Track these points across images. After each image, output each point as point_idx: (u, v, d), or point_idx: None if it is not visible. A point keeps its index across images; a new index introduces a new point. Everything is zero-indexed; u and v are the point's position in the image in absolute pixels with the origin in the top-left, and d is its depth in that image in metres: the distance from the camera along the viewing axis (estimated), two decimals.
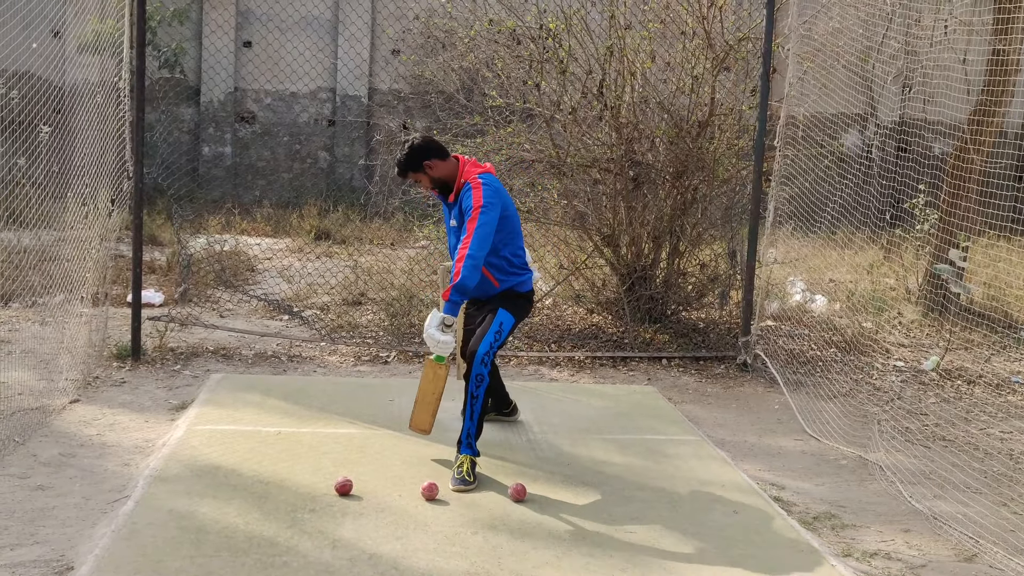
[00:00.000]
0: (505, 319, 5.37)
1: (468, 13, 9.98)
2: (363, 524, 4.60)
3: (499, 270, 5.41)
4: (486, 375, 5.27)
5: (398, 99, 16.80)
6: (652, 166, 8.60)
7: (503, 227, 5.33)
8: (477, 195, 5.20)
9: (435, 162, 5.35)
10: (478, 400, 5.28)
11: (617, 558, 4.39)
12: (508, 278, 5.44)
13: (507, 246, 5.40)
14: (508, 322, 5.38)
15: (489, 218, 5.18)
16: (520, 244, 5.52)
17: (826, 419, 6.57)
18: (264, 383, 6.96)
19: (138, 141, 7.34)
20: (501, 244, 5.36)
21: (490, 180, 5.32)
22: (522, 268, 5.51)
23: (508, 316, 5.40)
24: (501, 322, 5.35)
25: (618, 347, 8.32)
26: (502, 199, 5.31)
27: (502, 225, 5.31)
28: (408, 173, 5.40)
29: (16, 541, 4.34)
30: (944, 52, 8.28)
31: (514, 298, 5.47)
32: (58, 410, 6.17)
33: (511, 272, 5.45)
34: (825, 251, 9.08)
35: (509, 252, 5.42)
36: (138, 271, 7.47)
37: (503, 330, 5.35)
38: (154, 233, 11.90)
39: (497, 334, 5.32)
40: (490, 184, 5.28)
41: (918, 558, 4.68)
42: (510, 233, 5.41)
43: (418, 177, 5.40)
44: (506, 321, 5.37)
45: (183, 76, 16.43)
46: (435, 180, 5.38)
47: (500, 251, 5.37)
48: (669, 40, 8.77)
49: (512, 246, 5.43)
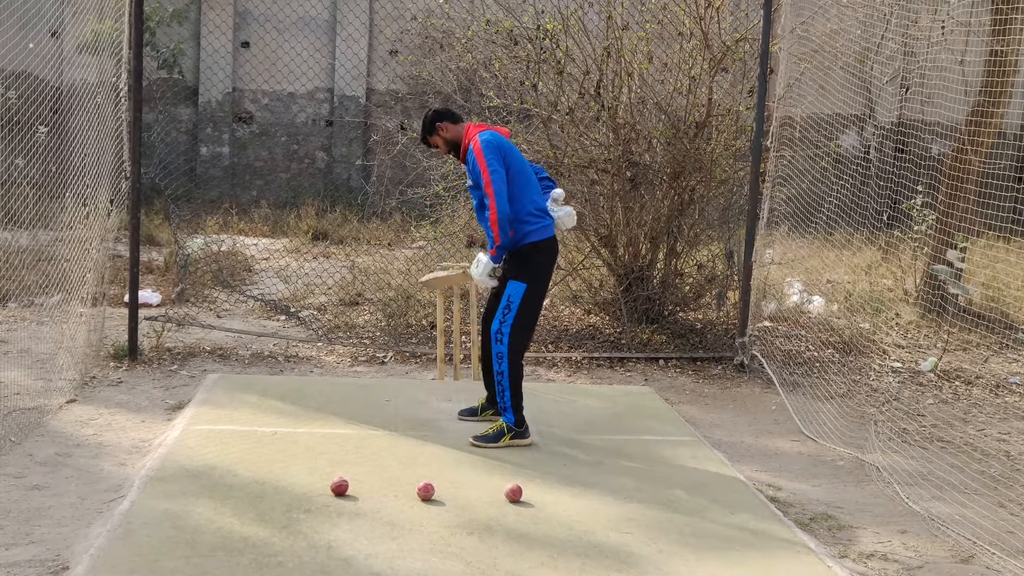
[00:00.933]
0: (513, 291, 5.56)
1: (466, 14, 9.98)
2: (359, 524, 4.59)
3: (511, 220, 5.56)
4: (505, 353, 5.53)
5: (396, 99, 16.80)
6: (649, 167, 8.60)
7: (510, 177, 5.53)
8: (480, 159, 5.48)
9: (446, 124, 5.72)
10: (504, 376, 5.55)
11: (613, 559, 4.38)
12: (520, 226, 5.56)
13: (517, 199, 5.55)
14: (517, 293, 5.56)
15: (497, 177, 5.45)
16: (532, 193, 5.64)
17: (823, 420, 6.57)
18: (261, 383, 6.95)
19: (135, 141, 7.33)
20: (511, 197, 5.54)
21: (489, 138, 5.55)
22: (537, 216, 5.60)
23: (517, 286, 5.56)
24: (509, 295, 5.57)
25: (615, 348, 8.31)
26: (503, 153, 5.54)
27: (509, 175, 5.53)
28: (427, 139, 5.80)
29: (11, 541, 4.33)
30: (942, 53, 8.28)
31: (525, 256, 5.58)
32: (55, 410, 6.17)
33: (523, 221, 5.57)
34: (823, 252, 9.08)
35: (519, 202, 5.55)
36: (135, 271, 7.46)
37: (512, 304, 5.55)
38: (151, 233, 11.89)
39: (505, 309, 5.56)
40: (489, 142, 5.52)
41: (915, 559, 4.67)
42: (519, 183, 5.58)
43: (434, 141, 5.77)
44: (514, 293, 5.56)
45: (181, 76, 16.42)
46: (447, 142, 5.74)
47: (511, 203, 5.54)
48: (666, 41, 8.77)
49: (522, 198, 5.57)
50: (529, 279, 5.55)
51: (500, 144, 5.57)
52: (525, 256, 5.57)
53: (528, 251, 5.57)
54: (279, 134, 16.97)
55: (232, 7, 16.45)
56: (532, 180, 5.68)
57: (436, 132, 5.75)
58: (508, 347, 5.53)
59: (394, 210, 13.44)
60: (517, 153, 5.70)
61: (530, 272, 5.57)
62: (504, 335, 5.53)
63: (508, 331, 5.53)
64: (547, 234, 5.59)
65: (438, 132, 5.74)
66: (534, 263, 5.58)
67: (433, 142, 5.81)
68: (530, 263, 5.57)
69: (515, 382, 5.59)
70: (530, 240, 5.55)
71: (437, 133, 5.75)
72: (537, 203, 5.61)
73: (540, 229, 5.56)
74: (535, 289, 5.59)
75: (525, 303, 5.55)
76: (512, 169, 5.56)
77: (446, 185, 9.17)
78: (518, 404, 5.63)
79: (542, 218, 5.59)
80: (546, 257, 5.65)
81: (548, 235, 5.60)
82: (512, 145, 5.73)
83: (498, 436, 5.67)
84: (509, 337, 5.54)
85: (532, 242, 5.55)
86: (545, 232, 5.58)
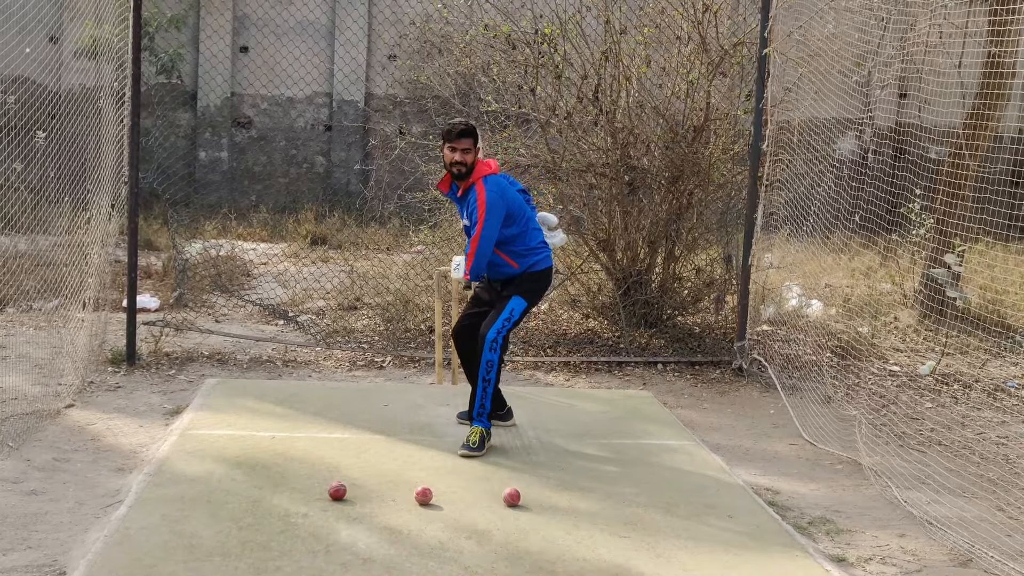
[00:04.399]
0: (517, 304, 5.76)
1: (464, 18, 9.98)
2: (357, 529, 4.59)
3: (517, 256, 5.76)
4: (496, 361, 5.67)
5: (394, 104, 16.80)
6: (648, 171, 8.60)
7: (513, 224, 5.70)
8: (481, 201, 5.55)
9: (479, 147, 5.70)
10: (490, 384, 5.70)
11: (611, 563, 4.38)
12: (525, 259, 5.79)
13: (520, 238, 5.76)
14: (519, 307, 5.76)
15: (492, 223, 5.56)
16: (532, 231, 5.85)
17: (822, 424, 6.57)
18: (259, 388, 6.95)
19: (134, 146, 7.34)
20: (514, 238, 5.72)
21: (495, 190, 5.61)
22: (539, 248, 5.86)
23: (520, 302, 5.77)
24: (512, 308, 5.74)
25: (614, 352, 8.31)
26: (505, 201, 5.63)
27: (511, 222, 5.68)
28: (471, 138, 5.62)
29: (9, 546, 4.33)
30: (939, 57, 8.28)
31: (531, 280, 5.81)
32: (53, 415, 6.16)
33: (527, 254, 5.79)
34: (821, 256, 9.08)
35: (522, 242, 5.77)
36: (133, 276, 7.46)
37: (513, 316, 5.73)
38: (150, 238, 11.89)
39: (507, 320, 5.70)
40: (494, 192, 5.59)
41: (913, 563, 4.67)
42: (521, 227, 5.76)
43: (470, 146, 5.63)
44: (517, 307, 5.75)
45: (180, 81, 16.42)
46: (474, 159, 5.65)
47: (514, 243, 5.74)
48: (664, 45, 8.78)
49: (525, 237, 5.78)
50: (530, 298, 5.84)
51: (504, 193, 5.65)
52: (530, 279, 5.83)
53: (534, 276, 5.84)
54: (278, 139, 16.98)
55: (231, 12, 16.46)
56: (532, 218, 5.93)
57: (477, 143, 5.66)
58: (499, 357, 5.71)
59: (393, 215, 13.44)
60: (515, 195, 5.79)
61: (532, 294, 5.85)
62: (498, 344, 5.68)
63: (502, 341, 5.71)
64: (548, 263, 5.92)
65: (477, 143, 5.66)
66: (537, 286, 5.88)
67: (469, 145, 5.61)
68: (533, 285, 5.85)
69: (496, 391, 5.85)
70: (536, 269, 5.83)
71: (477, 144, 5.65)
72: (538, 238, 5.91)
73: (543, 259, 5.87)
74: (531, 306, 5.91)
75: (522, 317, 5.85)
76: (513, 214, 5.71)
77: None
78: (492, 409, 5.87)
79: (544, 249, 5.91)
80: (546, 282, 5.96)
81: (549, 264, 5.93)
82: (509, 187, 5.78)
83: (483, 442, 5.72)
84: (502, 349, 5.73)
85: (537, 271, 5.84)
86: (547, 262, 5.90)
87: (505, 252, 5.74)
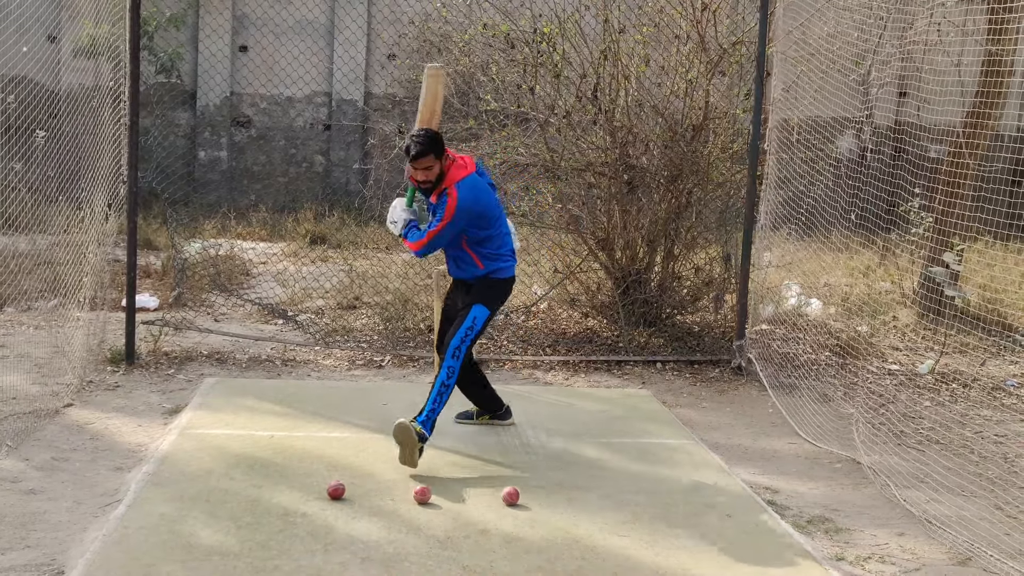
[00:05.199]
0: (479, 313, 5.70)
1: (463, 17, 9.98)
2: (355, 528, 4.59)
3: (485, 257, 5.73)
4: (457, 368, 5.61)
5: (393, 103, 16.79)
6: (647, 170, 8.60)
7: (488, 226, 5.66)
8: (451, 206, 5.48)
9: (446, 154, 5.59)
10: (448, 389, 5.58)
11: (610, 562, 4.38)
12: (492, 263, 5.75)
13: (491, 241, 5.72)
14: (482, 316, 5.70)
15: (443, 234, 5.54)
16: (504, 235, 5.81)
17: (820, 422, 6.57)
18: (258, 387, 6.95)
19: (133, 145, 7.33)
20: (486, 239, 5.69)
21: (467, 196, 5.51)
22: (507, 255, 5.82)
23: (483, 310, 5.72)
24: (475, 316, 5.68)
25: (613, 351, 8.31)
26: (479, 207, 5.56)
27: (485, 224, 5.64)
28: (429, 155, 5.48)
29: (7, 545, 4.33)
30: (938, 55, 8.28)
31: (492, 286, 5.78)
32: (52, 414, 6.16)
33: (496, 258, 5.75)
34: (820, 255, 9.09)
35: (492, 245, 5.73)
36: (132, 275, 7.45)
37: (476, 325, 5.68)
38: (149, 237, 11.88)
39: (469, 329, 5.66)
40: (468, 202, 5.51)
41: (912, 561, 4.67)
42: (495, 230, 5.72)
43: (431, 163, 5.50)
44: (480, 315, 5.70)
45: (179, 81, 16.42)
46: (439, 173, 5.55)
47: (485, 245, 5.70)
48: (663, 44, 8.77)
49: (496, 241, 5.74)
50: (492, 307, 5.79)
51: (477, 201, 5.55)
52: (494, 286, 5.79)
53: (498, 283, 5.80)
54: (277, 138, 16.97)
55: (230, 11, 16.45)
56: (505, 223, 5.88)
57: (441, 158, 5.52)
58: (461, 366, 5.63)
59: None
60: (492, 199, 5.73)
61: (494, 300, 5.80)
62: (461, 353, 5.61)
63: (465, 349, 5.65)
64: (511, 273, 5.88)
65: (441, 158, 5.52)
66: (499, 293, 5.83)
67: (430, 163, 5.47)
68: (496, 293, 5.81)
69: (447, 399, 5.65)
70: (502, 276, 5.80)
71: (440, 159, 5.51)
72: (509, 245, 5.86)
73: (508, 268, 5.83)
74: (492, 314, 5.85)
75: (485, 326, 5.78)
76: (488, 217, 5.65)
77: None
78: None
79: (511, 259, 5.87)
80: (506, 291, 5.90)
81: (512, 275, 5.89)
82: (486, 188, 5.70)
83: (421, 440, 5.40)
84: (464, 357, 5.66)
85: (503, 278, 5.81)
86: (510, 271, 5.87)
87: (474, 251, 5.70)
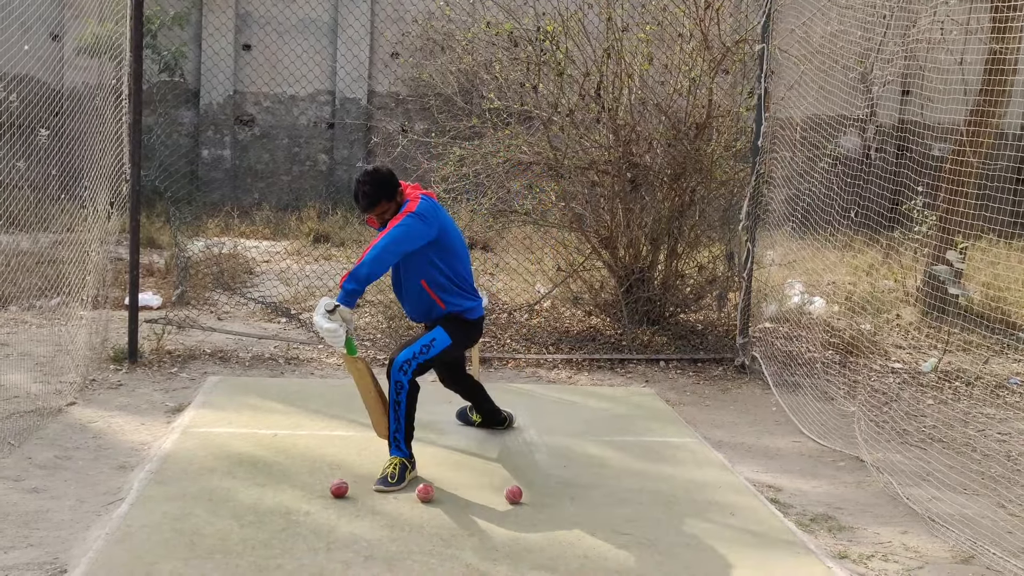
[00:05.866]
0: (439, 336, 5.25)
1: (466, 16, 9.98)
2: (358, 526, 4.59)
3: (444, 290, 5.27)
4: (405, 383, 5.15)
5: (397, 102, 16.80)
6: (650, 168, 8.60)
7: (443, 245, 5.21)
8: (411, 206, 5.10)
9: (399, 190, 5.23)
10: (401, 405, 5.18)
11: (613, 561, 4.38)
12: (454, 299, 5.30)
13: (450, 267, 5.26)
14: (441, 341, 5.25)
15: (413, 223, 5.03)
16: (465, 268, 5.38)
17: (824, 420, 6.56)
18: (261, 386, 6.95)
19: (135, 144, 7.34)
20: (443, 263, 5.24)
21: (429, 201, 5.21)
22: (470, 292, 5.38)
23: (444, 336, 5.26)
24: (434, 338, 5.24)
25: (616, 349, 8.31)
26: (439, 218, 5.18)
27: (442, 243, 5.19)
28: (380, 203, 5.17)
29: (10, 544, 4.34)
30: (941, 54, 8.27)
31: (459, 322, 5.33)
32: (55, 413, 6.17)
33: (457, 293, 5.31)
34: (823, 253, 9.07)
35: (452, 273, 5.27)
36: (135, 274, 7.46)
37: (433, 346, 5.22)
38: (152, 236, 11.88)
39: (425, 348, 5.20)
40: (428, 202, 5.18)
41: (915, 560, 4.67)
42: (453, 254, 5.28)
43: (385, 208, 5.18)
44: (439, 339, 5.25)
45: (182, 79, 16.43)
46: (396, 206, 5.21)
47: (442, 271, 5.24)
48: (666, 42, 8.77)
49: (456, 267, 5.29)
50: (456, 341, 5.35)
51: (437, 214, 5.18)
52: (462, 324, 5.36)
53: (466, 322, 5.38)
54: (280, 137, 16.98)
55: (233, 10, 16.46)
56: (466, 256, 5.42)
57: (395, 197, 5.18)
58: (409, 381, 5.18)
59: None
60: (452, 224, 5.34)
61: (459, 337, 5.37)
62: (410, 370, 5.16)
63: (414, 369, 5.18)
64: (481, 313, 5.46)
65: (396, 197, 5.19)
66: (466, 332, 5.42)
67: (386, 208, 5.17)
68: (463, 331, 5.39)
69: (410, 415, 5.24)
70: (471, 316, 5.38)
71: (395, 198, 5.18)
72: (469, 281, 5.40)
73: (477, 307, 5.41)
74: (456, 350, 5.44)
75: (442, 355, 5.31)
76: (449, 237, 5.23)
77: (446, 187, 9.17)
78: (409, 436, 5.28)
79: (476, 297, 5.43)
80: (476, 333, 5.52)
81: (481, 314, 5.47)
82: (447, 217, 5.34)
83: (403, 474, 5.16)
84: (414, 373, 5.19)
85: (472, 318, 5.39)
86: (479, 311, 5.44)
87: (436, 293, 5.26)
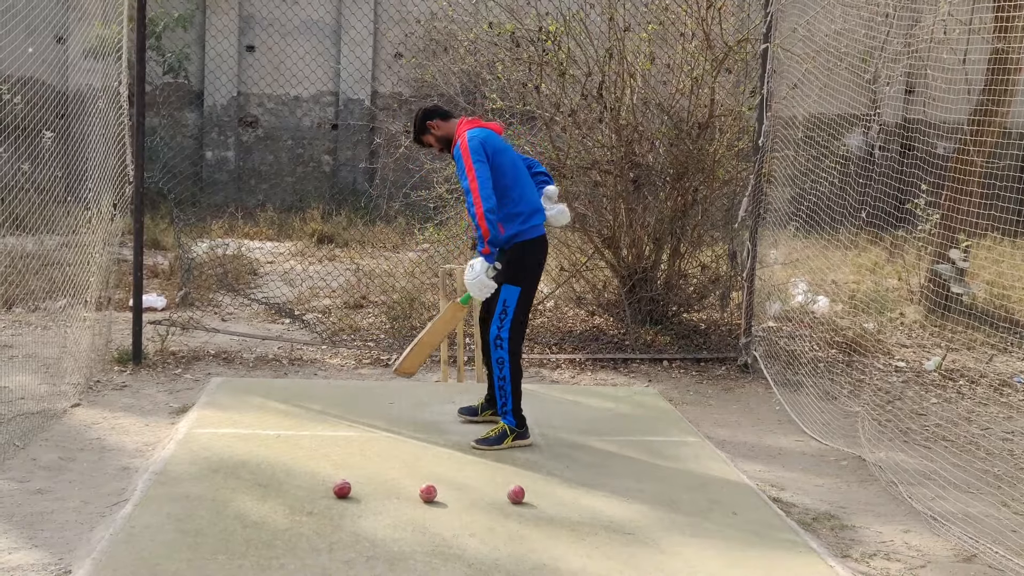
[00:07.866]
0: (508, 295, 5.55)
1: (469, 16, 9.99)
2: (361, 527, 4.60)
3: (503, 219, 5.52)
4: (506, 357, 5.57)
5: (400, 102, 16.82)
6: (652, 168, 8.60)
7: (497, 175, 5.49)
8: (464, 154, 5.45)
9: (437, 122, 5.74)
10: (506, 381, 5.60)
11: (615, 560, 4.38)
12: (511, 225, 5.54)
13: (508, 196, 5.52)
14: (512, 298, 5.55)
15: (480, 170, 5.41)
16: (524, 189, 5.61)
17: (827, 420, 6.56)
18: (265, 386, 6.97)
19: (139, 145, 7.35)
20: (500, 192, 5.49)
21: (477, 134, 5.51)
22: (528, 214, 5.58)
23: (511, 290, 5.55)
24: (504, 300, 5.56)
25: (619, 349, 8.31)
26: (490, 150, 5.49)
27: (502, 163, 5.51)
28: (420, 138, 5.79)
29: (15, 544, 4.35)
30: (945, 52, 8.26)
31: (514, 258, 5.55)
32: (59, 414, 6.18)
33: (514, 219, 5.54)
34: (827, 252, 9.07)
35: (510, 201, 5.53)
36: (139, 275, 7.48)
37: (508, 308, 5.56)
38: (157, 237, 11.92)
39: (502, 315, 5.57)
40: (475, 138, 5.49)
41: (917, 559, 4.67)
42: (508, 179, 5.54)
43: (427, 140, 5.78)
44: (510, 298, 5.55)
45: (186, 81, 16.47)
46: (439, 139, 5.74)
47: (503, 200, 5.51)
48: (668, 42, 8.77)
49: (512, 195, 5.54)
50: (522, 282, 5.57)
51: (487, 139, 5.51)
52: (517, 258, 5.55)
53: (519, 252, 5.55)
54: (284, 138, 17.01)
55: (237, 11, 16.50)
56: (524, 176, 5.65)
57: (428, 131, 5.76)
58: (508, 351, 5.59)
59: (399, 213, 13.45)
60: (509, 150, 5.66)
61: (522, 274, 5.57)
62: (504, 340, 5.57)
63: (507, 336, 5.57)
64: (538, 233, 5.59)
65: (430, 131, 5.76)
66: (525, 264, 5.58)
67: (426, 140, 5.81)
68: (521, 265, 5.57)
69: (516, 385, 5.65)
70: (520, 239, 5.54)
71: (429, 132, 5.76)
72: (528, 200, 5.59)
73: (531, 228, 5.56)
74: (528, 290, 5.61)
75: (520, 306, 5.59)
76: (502, 165, 5.52)
77: (450, 187, 9.19)
78: (518, 405, 5.70)
79: (532, 216, 5.58)
80: (537, 257, 5.64)
81: (539, 234, 5.60)
82: (504, 141, 5.69)
83: (500, 438, 5.68)
84: (508, 342, 5.58)
85: (522, 242, 5.54)
86: (536, 231, 5.58)
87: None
